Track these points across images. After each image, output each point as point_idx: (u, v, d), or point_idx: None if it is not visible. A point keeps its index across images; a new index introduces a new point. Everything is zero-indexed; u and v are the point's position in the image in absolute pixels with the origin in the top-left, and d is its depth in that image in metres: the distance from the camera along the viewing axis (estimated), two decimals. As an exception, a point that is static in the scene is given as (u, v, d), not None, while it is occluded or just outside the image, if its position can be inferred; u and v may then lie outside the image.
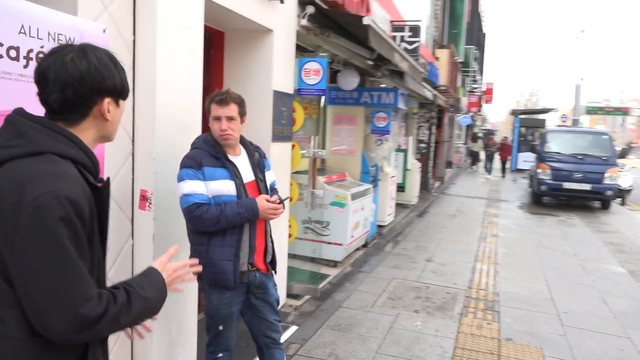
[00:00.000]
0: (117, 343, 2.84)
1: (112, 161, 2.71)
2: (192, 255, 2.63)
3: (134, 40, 2.80)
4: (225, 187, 2.53)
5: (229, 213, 2.46)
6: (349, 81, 6.68)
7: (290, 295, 4.92)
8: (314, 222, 6.12)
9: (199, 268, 1.61)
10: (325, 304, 4.88)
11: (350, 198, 6.08)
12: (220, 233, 2.52)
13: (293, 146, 4.80)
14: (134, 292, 1.32)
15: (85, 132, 1.35)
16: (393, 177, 8.82)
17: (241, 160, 2.69)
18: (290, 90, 4.53)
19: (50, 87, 1.30)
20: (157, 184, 2.83)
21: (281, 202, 2.62)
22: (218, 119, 2.56)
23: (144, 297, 1.34)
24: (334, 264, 6.16)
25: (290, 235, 4.97)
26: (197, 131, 3.13)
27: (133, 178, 2.88)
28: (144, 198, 2.86)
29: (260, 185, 2.70)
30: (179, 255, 2.91)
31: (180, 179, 2.53)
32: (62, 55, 1.32)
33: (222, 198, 2.52)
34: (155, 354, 2.95)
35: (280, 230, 4.55)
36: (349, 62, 6.60)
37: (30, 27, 1.96)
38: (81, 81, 1.29)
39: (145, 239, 2.88)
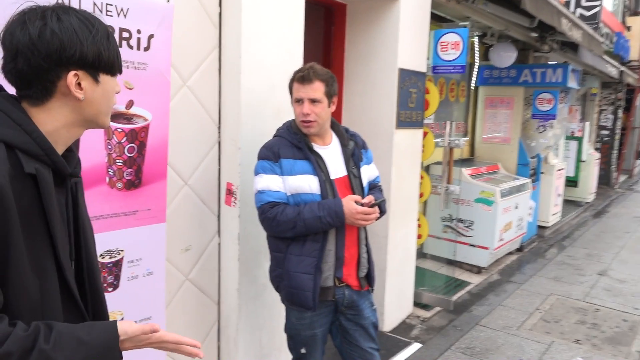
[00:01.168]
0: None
1: (193, 150, 2.44)
2: (271, 264, 2.23)
3: (219, 14, 2.47)
4: (306, 183, 2.07)
5: (308, 216, 2.00)
6: (504, 57, 5.69)
7: (418, 304, 4.30)
8: (456, 221, 5.37)
9: (200, 354, 1.16)
10: (460, 319, 4.16)
11: (499, 194, 5.18)
12: (300, 239, 2.08)
13: (425, 134, 4.14)
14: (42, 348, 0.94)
15: (54, 114, 1.05)
16: (561, 169, 7.49)
17: (331, 151, 2.19)
18: (422, 68, 3.87)
19: (5, 55, 1.02)
20: (243, 177, 2.49)
21: (376, 204, 2.07)
22: (300, 101, 2.10)
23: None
24: (477, 270, 5.34)
25: (420, 236, 4.34)
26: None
27: (219, 169, 2.58)
28: (229, 192, 2.54)
29: (354, 182, 2.18)
30: (261, 262, 2.55)
31: (256, 172, 2.14)
32: (20, 16, 1.02)
33: (302, 197, 2.06)
34: (241, 366, 2.64)
35: (408, 230, 3.96)
36: (505, 34, 5.62)
37: (70, -3, 1.71)
38: (32, 48, 0.99)
39: (231, 238, 2.57)
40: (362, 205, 2.03)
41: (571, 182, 9.19)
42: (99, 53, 1.04)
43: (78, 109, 1.06)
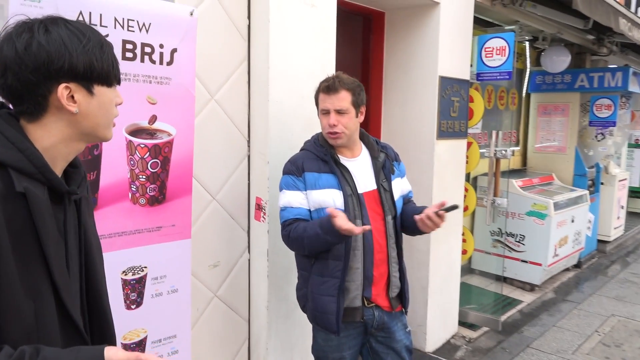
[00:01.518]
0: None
1: (221, 164, 2.40)
2: (298, 282, 2.15)
3: (249, 26, 2.44)
4: (330, 197, 1.97)
5: (310, 233, 1.89)
6: (557, 62, 5.39)
7: (463, 323, 4.08)
8: (506, 235, 5.09)
9: None
10: (509, 341, 3.91)
11: (552, 207, 4.87)
12: (323, 258, 1.98)
13: (469, 144, 3.94)
14: None
15: (50, 129, 1.02)
16: (623, 180, 6.99)
17: (359, 163, 2.09)
18: (465, 76, 3.70)
19: None
20: (272, 191, 2.42)
21: (450, 209, 1.92)
22: (326, 112, 2.01)
23: None
24: (529, 287, 5.03)
25: (465, 252, 4.12)
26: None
27: (249, 184, 2.53)
28: (259, 207, 2.48)
29: (384, 195, 2.06)
30: (291, 279, 2.47)
31: (280, 188, 2.07)
32: (8, 31, 1.00)
33: (325, 212, 1.96)
34: (270, 386, 2.56)
35: (451, 245, 3.77)
36: (558, 37, 5.32)
37: (91, 13, 1.70)
38: (19, 62, 0.96)
39: (260, 254, 2.50)
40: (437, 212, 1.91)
41: (636, 193, 8.58)
42: (91, 64, 1.00)
43: (74, 122, 1.02)
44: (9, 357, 0.88)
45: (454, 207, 1.92)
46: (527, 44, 5.77)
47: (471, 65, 3.85)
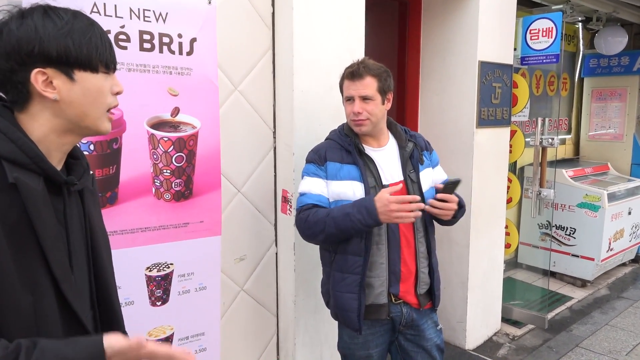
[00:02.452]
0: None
1: (246, 156, 2.37)
2: (323, 277, 2.09)
3: (273, 13, 2.38)
4: (350, 189, 1.88)
5: (337, 214, 1.79)
6: (612, 43, 5.02)
7: (507, 320, 3.90)
8: (555, 228, 4.83)
9: None
10: (557, 340, 3.70)
11: (606, 198, 4.57)
12: (342, 251, 1.90)
13: (513, 132, 3.74)
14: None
15: (37, 119, 0.99)
16: (688, 169, 6.49)
17: (386, 153, 1.99)
18: (508, 60, 3.50)
19: None
20: (298, 184, 2.35)
21: (449, 185, 1.85)
22: (350, 99, 1.92)
23: None
24: (580, 283, 4.76)
25: (508, 245, 3.93)
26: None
27: (275, 176, 2.48)
28: (285, 200, 2.43)
29: (411, 187, 1.95)
30: (319, 274, 2.41)
31: (302, 176, 2.01)
32: None
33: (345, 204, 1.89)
34: (299, 383, 2.52)
35: (493, 239, 3.60)
36: (614, 17, 4.97)
37: (105, 4, 1.69)
38: None
39: (287, 248, 2.46)
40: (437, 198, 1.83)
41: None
42: (66, 47, 0.96)
43: (59, 111, 0.99)
44: (4, 351, 0.87)
45: (453, 183, 1.83)
46: (579, 25, 5.41)
47: (515, 49, 3.64)
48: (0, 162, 0.93)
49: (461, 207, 1.97)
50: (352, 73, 1.90)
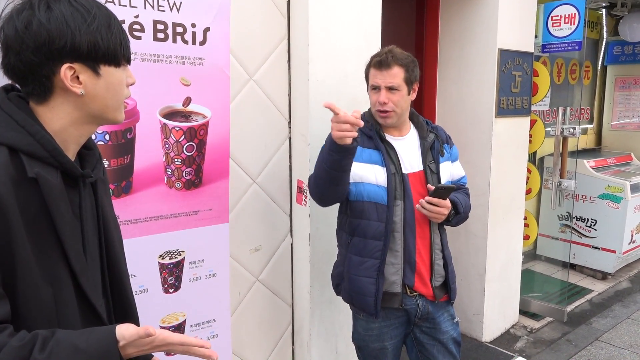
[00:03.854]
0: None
1: (262, 146, 2.35)
2: (337, 259, 2.07)
3: (288, 1, 2.34)
4: (372, 173, 1.86)
5: (320, 158, 1.82)
6: (637, 29, 4.87)
7: (525, 312, 3.85)
8: (575, 219, 4.74)
9: (212, 354, 1.04)
10: (576, 333, 3.64)
11: (629, 189, 4.46)
12: (361, 234, 1.89)
13: (533, 122, 3.66)
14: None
15: (58, 111, 0.98)
16: None
17: (407, 143, 1.96)
18: (528, 48, 3.42)
19: (2, 52, 0.97)
20: (314, 174, 2.34)
21: (441, 191, 1.82)
22: (376, 88, 1.89)
23: None
24: (601, 275, 4.67)
25: (527, 237, 3.87)
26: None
27: (290, 166, 2.47)
28: (300, 190, 2.42)
29: (430, 177, 1.93)
30: (333, 264, 2.40)
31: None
32: (11, 10, 0.97)
33: (365, 186, 1.87)
34: (314, 374, 2.51)
35: (511, 230, 3.55)
36: (639, 2, 4.82)
37: (119, -7, 1.68)
38: (19, 42, 0.93)
39: (302, 238, 2.44)
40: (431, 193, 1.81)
41: None
42: (95, 43, 0.95)
43: (81, 105, 0.98)
44: (20, 341, 0.87)
45: (444, 188, 1.81)
46: (603, 11, 5.27)
47: (536, 37, 3.55)
48: (18, 155, 0.92)
49: (458, 213, 1.94)
50: (380, 62, 1.87)
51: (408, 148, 1.95)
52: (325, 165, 1.76)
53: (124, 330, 0.93)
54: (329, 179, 1.79)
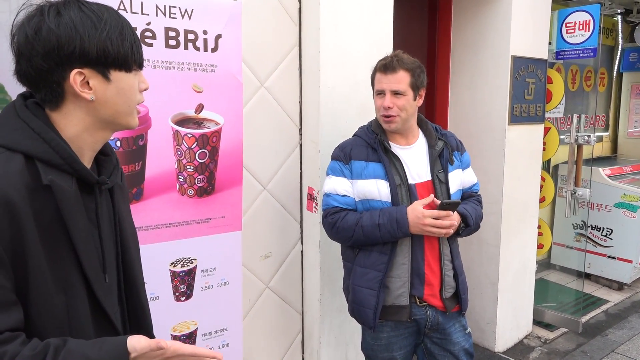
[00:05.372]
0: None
1: (272, 153, 2.35)
2: (344, 274, 2.06)
3: (299, 9, 2.35)
4: (375, 188, 1.85)
5: (366, 223, 1.79)
6: (653, 36, 4.82)
7: (539, 323, 3.79)
8: (590, 228, 4.66)
9: None
10: (591, 344, 3.58)
11: (646, 198, 4.39)
12: (367, 249, 1.87)
13: (547, 129, 3.62)
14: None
15: (70, 118, 0.99)
16: None
17: (414, 152, 1.94)
18: (542, 55, 3.38)
19: (14, 58, 0.98)
20: (323, 181, 2.32)
21: (446, 207, 1.77)
22: (381, 93, 1.88)
23: None
24: (617, 286, 4.58)
25: (541, 246, 3.81)
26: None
27: (301, 173, 2.46)
28: (311, 197, 2.41)
29: (439, 187, 1.90)
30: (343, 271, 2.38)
31: (327, 173, 1.98)
32: (24, 16, 0.97)
33: (371, 203, 1.85)
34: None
35: (525, 239, 3.50)
36: (656, 9, 4.76)
37: (132, 1, 1.69)
38: (29, 48, 0.93)
39: (312, 246, 2.43)
40: (437, 206, 1.77)
41: None
42: (105, 48, 0.95)
43: (92, 110, 0.98)
44: (32, 350, 0.87)
45: (449, 204, 1.77)
46: (618, 17, 5.22)
47: (550, 43, 3.52)
48: (34, 162, 0.93)
49: (468, 226, 1.91)
50: (385, 66, 1.86)
51: (415, 157, 1.93)
52: (382, 237, 1.80)
53: (135, 342, 0.93)
54: (373, 241, 1.84)
